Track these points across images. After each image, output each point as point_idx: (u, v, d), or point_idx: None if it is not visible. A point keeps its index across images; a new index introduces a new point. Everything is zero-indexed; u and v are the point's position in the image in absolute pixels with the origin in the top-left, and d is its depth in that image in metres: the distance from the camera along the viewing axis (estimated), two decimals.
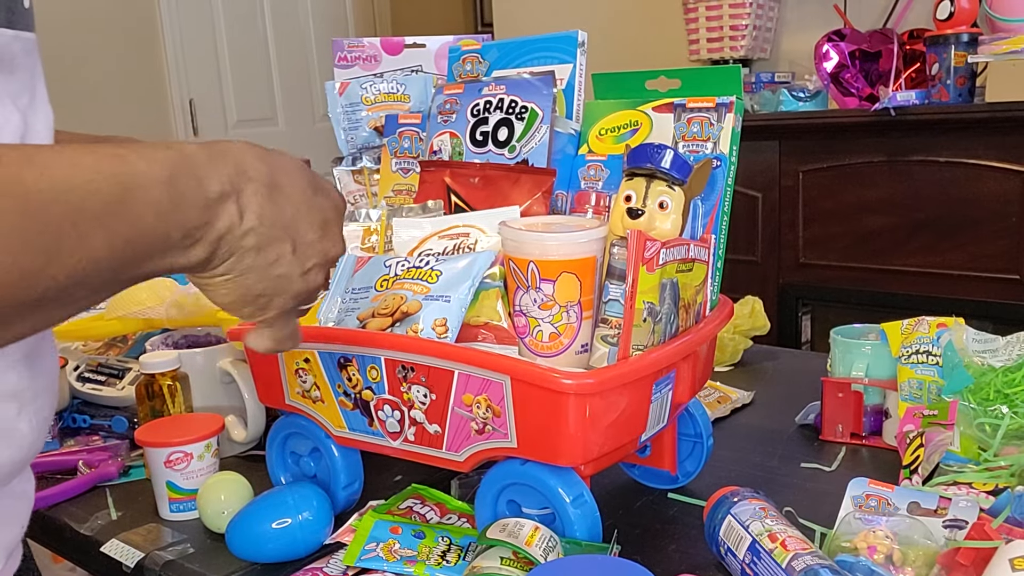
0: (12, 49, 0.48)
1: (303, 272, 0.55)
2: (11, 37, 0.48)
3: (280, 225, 0.52)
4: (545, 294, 0.71)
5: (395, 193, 0.93)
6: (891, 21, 2.39)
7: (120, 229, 0.43)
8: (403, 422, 0.74)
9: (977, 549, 0.60)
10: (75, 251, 0.41)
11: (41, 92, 0.53)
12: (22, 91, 0.50)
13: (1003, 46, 1.88)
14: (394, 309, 0.74)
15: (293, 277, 0.54)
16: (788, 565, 0.61)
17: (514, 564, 0.63)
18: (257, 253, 0.51)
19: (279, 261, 0.53)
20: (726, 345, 1.23)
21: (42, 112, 0.52)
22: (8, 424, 0.51)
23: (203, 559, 0.78)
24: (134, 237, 0.44)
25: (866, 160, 2.12)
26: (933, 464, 0.77)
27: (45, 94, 0.53)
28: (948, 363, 0.86)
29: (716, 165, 0.76)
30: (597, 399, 0.67)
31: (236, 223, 0.50)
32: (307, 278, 0.55)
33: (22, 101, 0.50)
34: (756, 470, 0.91)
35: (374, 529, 0.75)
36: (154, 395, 0.94)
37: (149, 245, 0.45)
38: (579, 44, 0.85)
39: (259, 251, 0.52)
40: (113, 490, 0.93)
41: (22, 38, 0.49)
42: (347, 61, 1.02)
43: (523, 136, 0.83)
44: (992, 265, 1.98)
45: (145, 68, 3.54)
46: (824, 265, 2.24)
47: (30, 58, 0.51)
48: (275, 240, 0.52)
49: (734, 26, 2.50)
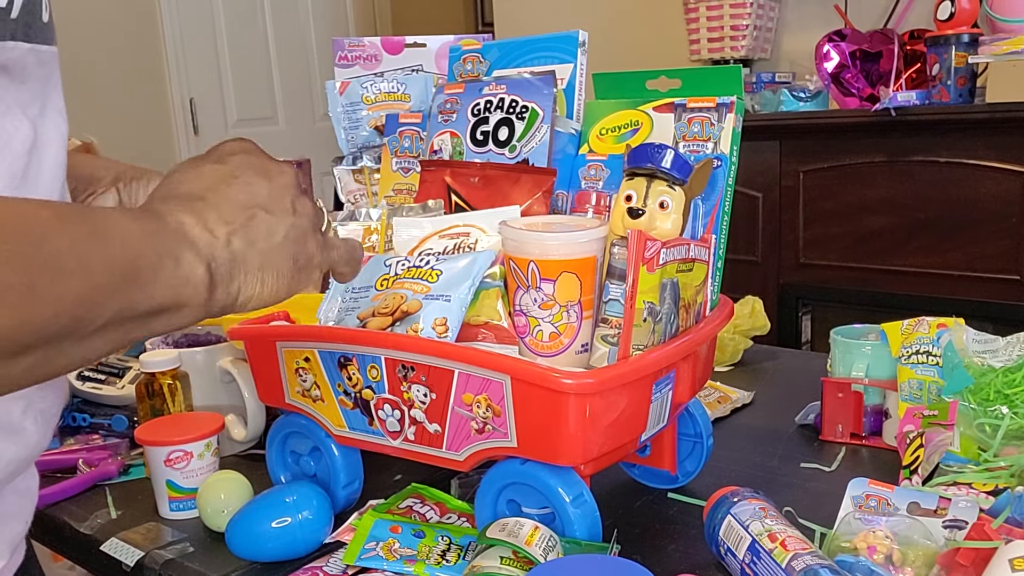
0: (26, 61, 0.49)
1: (292, 213, 0.54)
2: (26, 50, 0.48)
3: (241, 206, 0.52)
4: (545, 294, 0.71)
5: (395, 192, 0.93)
6: (892, 21, 2.39)
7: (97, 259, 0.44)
8: (403, 421, 0.74)
9: (977, 549, 0.60)
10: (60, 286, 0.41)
11: (55, 102, 0.53)
12: (32, 101, 0.50)
13: (1003, 47, 1.88)
14: (394, 308, 0.74)
15: (291, 226, 0.54)
16: (788, 565, 0.61)
17: (514, 564, 0.63)
18: (249, 244, 0.51)
19: (270, 230, 0.52)
20: (726, 345, 1.23)
21: (53, 122, 0.52)
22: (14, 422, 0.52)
23: (203, 558, 0.78)
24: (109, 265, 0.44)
25: (866, 160, 2.13)
26: (933, 464, 0.77)
27: (61, 104, 0.54)
28: (948, 363, 0.86)
29: (717, 165, 0.76)
30: (597, 399, 0.67)
31: (211, 239, 0.49)
32: (298, 214, 0.55)
33: (32, 110, 0.50)
34: (756, 470, 0.91)
35: (374, 528, 0.75)
36: (154, 394, 0.94)
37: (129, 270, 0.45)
38: (580, 44, 0.85)
39: (249, 242, 0.51)
40: (113, 489, 0.93)
41: (38, 51, 0.50)
42: (348, 60, 1.02)
43: (524, 136, 0.83)
44: (992, 265, 1.98)
45: (145, 67, 3.54)
46: (824, 265, 2.24)
47: (44, 69, 0.51)
48: (251, 221, 0.52)
49: (735, 26, 2.50)
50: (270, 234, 0.52)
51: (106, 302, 0.43)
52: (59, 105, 0.53)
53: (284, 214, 0.54)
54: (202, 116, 3.73)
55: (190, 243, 0.48)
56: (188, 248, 0.48)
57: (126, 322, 0.45)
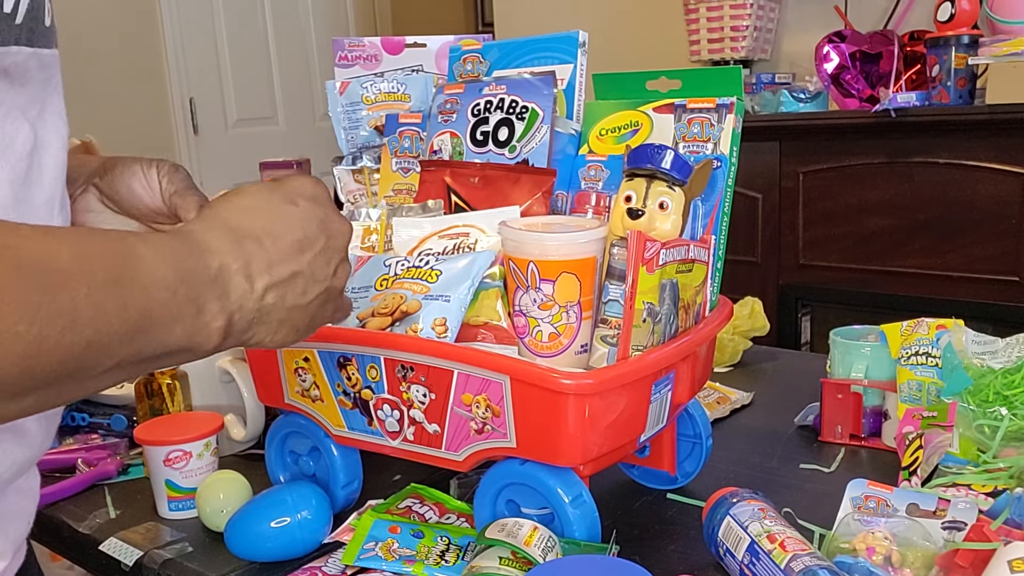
0: (28, 65, 0.49)
1: (331, 278, 0.55)
2: (29, 54, 0.48)
3: (289, 260, 0.52)
4: (545, 294, 0.71)
5: (395, 193, 0.93)
6: (892, 22, 2.39)
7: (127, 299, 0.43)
8: (402, 421, 0.74)
9: (976, 551, 0.60)
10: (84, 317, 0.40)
11: (55, 104, 0.53)
12: (32, 103, 0.50)
13: (1003, 48, 1.88)
14: (394, 308, 0.74)
15: (325, 291, 0.54)
16: (787, 566, 0.61)
17: (513, 564, 0.63)
18: (280, 300, 0.51)
19: (305, 291, 0.53)
20: (726, 346, 1.23)
21: (53, 124, 0.52)
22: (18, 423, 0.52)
23: (202, 558, 0.78)
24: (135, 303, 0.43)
25: (866, 161, 2.13)
26: (932, 465, 0.77)
27: (61, 106, 0.53)
28: (947, 365, 0.86)
29: (716, 166, 0.76)
30: (596, 399, 0.67)
31: (247, 290, 0.49)
32: (335, 279, 0.55)
33: (31, 113, 0.50)
34: (755, 471, 0.91)
35: (373, 528, 0.75)
36: (153, 393, 0.94)
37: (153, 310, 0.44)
38: (580, 44, 0.85)
39: (281, 298, 0.51)
40: (112, 488, 0.93)
41: (40, 55, 0.50)
42: (348, 60, 1.02)
43: (523, 136, 0.83)
44: (992, 267, 1.98)
45: (145, 67, 3.54)
46: (824, 266, 2.24)
47: (45, 72, 0.51)
48: (293, 279, 0.52)
49: (735, 27, 2.50)
50: (303, 295, 0.53)
51: (117, 350, 0.42)
52: (59, 107, 0.53)
53: (325, 280, 0.54)
54: (202, 116, 3.73)
55: (221, 291, 0.48)
56: (216, 299, 0.47)
57: (131, 365, 0.44)
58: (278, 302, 0.51)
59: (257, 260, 0.50)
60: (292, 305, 0.52)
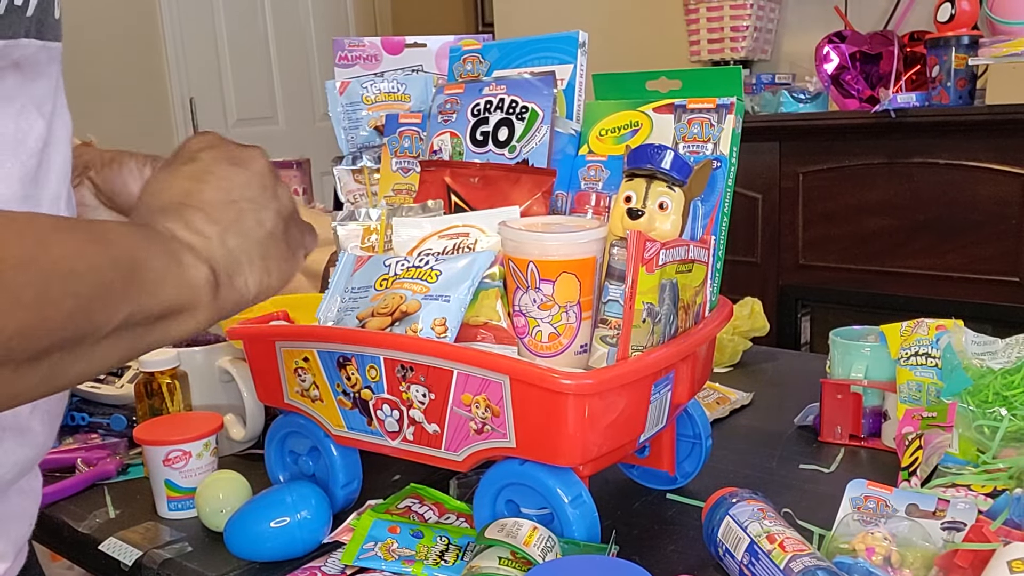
0: (38, 58, 0.49)
1: (275, 198, 0.54)
2: (39, 47, 0.49)
3: (223, 203, 0.52)
4: (544, 294, 0.71)
5: (395, 192, 0.93)
6: (892, 23, 2.39)
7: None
8: (402, 421, 0.74)
9: (975, 551, 0.60)
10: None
11: (62, 99, 0.53)
12: (46, 99, 0.51)
13: (1003, 48, 1.88)
14: (393, 308, 0.74)
15: (276, 212, 0.54)
16: (786, 566, 0.61)
17: (512, 564, 0.63)
18: (244, 238, 0.51)
19: (258, 220, 0.53)
20: (725, 346, 1.23)
21: (62, 119, 0.53)
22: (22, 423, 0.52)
23: (201, 558, 0.78)
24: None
25: (866, 162, 2.13)
26: (932, 466, 0.77)
27: (65, 101, 0.54)
28: (947, 365, 0.86)
29: (716, 166, 0.76)
30: (596, 399, 0.67)
31: (207, 243, 0.50)
32: (279, 198, 0.55)
33: (46, 108, 0.50)
34: (755, 471, 0.91)
35: (372, 528, 0.75)
36: (153, 393, 0.94)
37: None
38: (580, 44, 0.85)
39: (243, 236, 0.51)
40: (111, 488, 0.93)
41: (49, 48, 0.50)
42: (348, 60, 1.02)
43: (523, 136, 0.83)
44: (991, 267, 1.98)
45: (145, 67, 3.54)
46: (824, 267, 2.24)
47: (53, 67, 0.51)
48: (240, 216, 0.52)
49: (735, 27, 2.50)
50: (260, 224, 0.52)
51: (118, 303, 0.43)
52: (64, 102, 0.54)
53: (268, 201, 0.54)
54: (202, 116, 3.72)
55: (186, 246, 0.48)
56: (186, 251, 0.48)
57: (137, 327, 0.45)
58: (243, 241, 0.51)
59: (193, 217, 0.50)
60: (257, 239, 0.52)
